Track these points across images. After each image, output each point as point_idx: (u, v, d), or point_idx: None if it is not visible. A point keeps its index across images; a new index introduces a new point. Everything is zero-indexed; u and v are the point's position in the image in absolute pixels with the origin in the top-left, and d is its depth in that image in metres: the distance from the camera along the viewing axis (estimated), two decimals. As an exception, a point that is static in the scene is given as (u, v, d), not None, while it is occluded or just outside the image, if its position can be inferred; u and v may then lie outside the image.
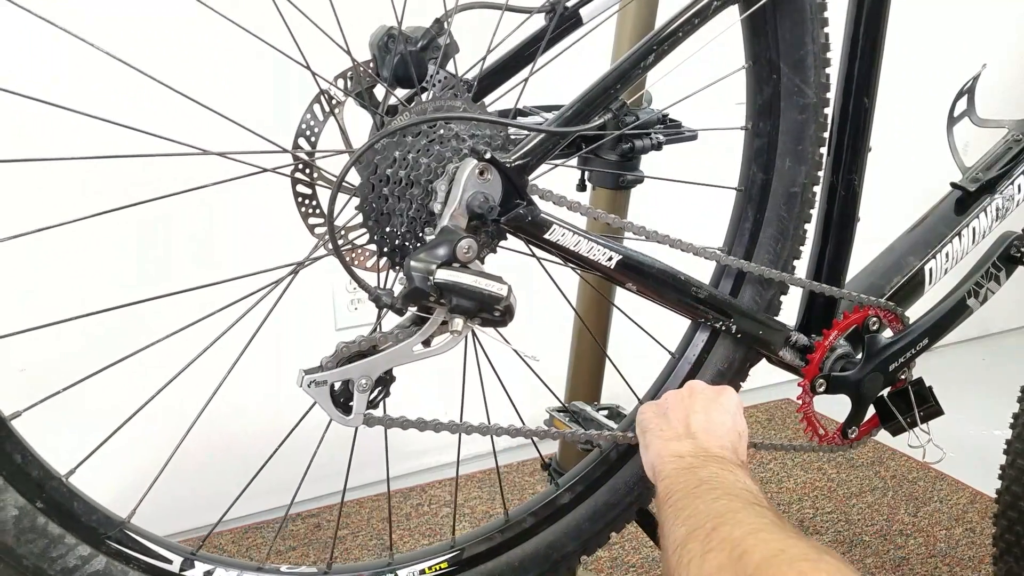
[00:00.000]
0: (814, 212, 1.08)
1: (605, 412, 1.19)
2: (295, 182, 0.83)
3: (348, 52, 0.82)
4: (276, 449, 0.91)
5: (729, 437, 0.85)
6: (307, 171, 0.83)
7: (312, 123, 0.82)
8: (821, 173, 1.06)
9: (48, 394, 0.79)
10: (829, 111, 1.04)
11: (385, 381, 0.84)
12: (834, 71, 1.03)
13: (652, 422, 0.90)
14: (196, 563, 0.85)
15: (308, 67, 0.80)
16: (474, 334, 0.86)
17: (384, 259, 0.84)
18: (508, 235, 0.86)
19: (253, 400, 1.58)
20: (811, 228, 1.09)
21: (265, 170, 0.81)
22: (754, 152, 1.06)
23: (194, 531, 1.68)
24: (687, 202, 1.61)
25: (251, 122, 0.82)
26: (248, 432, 1.58)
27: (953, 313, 1.17)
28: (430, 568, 0.96)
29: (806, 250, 1.10)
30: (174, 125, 0.81)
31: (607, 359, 1.33)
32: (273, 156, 0.81)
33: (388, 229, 0.82)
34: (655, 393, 1.09)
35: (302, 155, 0.82)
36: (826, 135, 1.04)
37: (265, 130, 0.82)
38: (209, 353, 0.84)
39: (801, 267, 1.10)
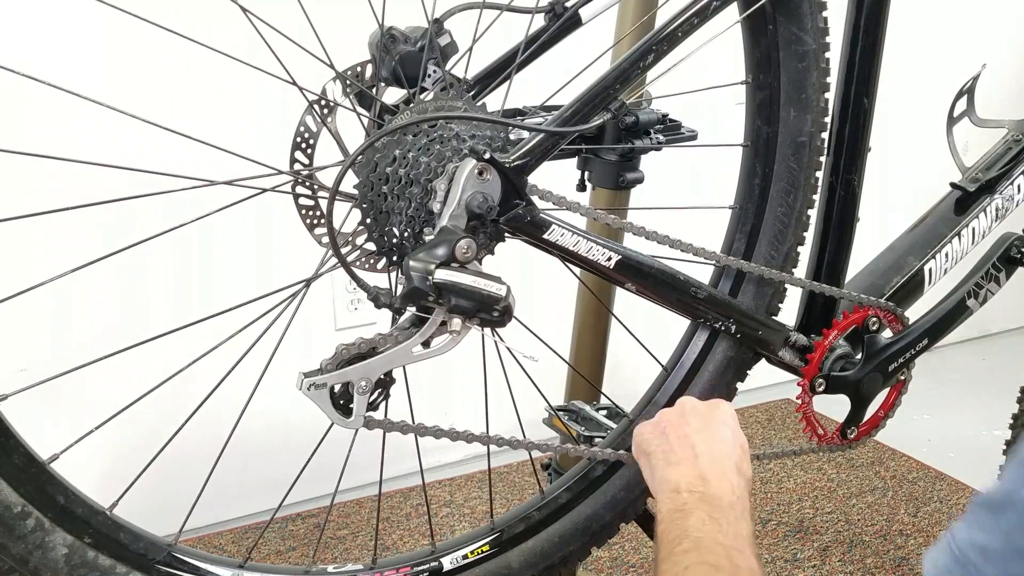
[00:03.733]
0: (814, 208, 1.07)
1: (604, 412, 1.19)
2: (297, 197, 0.83)
3: (330, 64, 0.82)
4: (320, 441, 0.92)
5: (733, 458, 0.84)
6: (307, 184, 0.83)
7: (307, 135, 0.82)
8: (828, 120, 1.04)
9: (83, 433, 0.82)
10: (830, 55, 1.02)
11: (385, 383, 0.84)
12: (834, 69, 1.03)
13: (653, 443, 0.87)
14: (245, 574, 0.87)
15: (294, 82, 0.80)
16: (495, 333, 0.86)
17: (384, 259, 0.84)
18: (507, 235, 0.86)
19: (253, 400, 1.58)
20: (810, 228, 1.08)
21: (266, 190, 0.82)
22: (757, 106, 1.05)
23: (195, 531, 1.68)
24: (686, 202, 1.61)
25: (247, 143, 0.84)
26: (248, 432, 1.58)
27: (953, 314, 1.17)
28: (472, 552, 0.97)
29: (805, 250, 1.10)
30: (170, 158, 0.83)
31: (617, 321, 1.33)
32: (272, 175, 0.82)
33: (387, 227, 0.82)
34: (657, 391, 1.09)
35: (300, 169, 0.82)
36: (829, 80, 1.03)
37: (261, 148, 0.83)
38: (217, 363, 0.85)
39: (801, 267, 1.10)
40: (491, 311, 0.79)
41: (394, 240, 0.83)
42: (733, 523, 0.76)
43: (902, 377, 1.14)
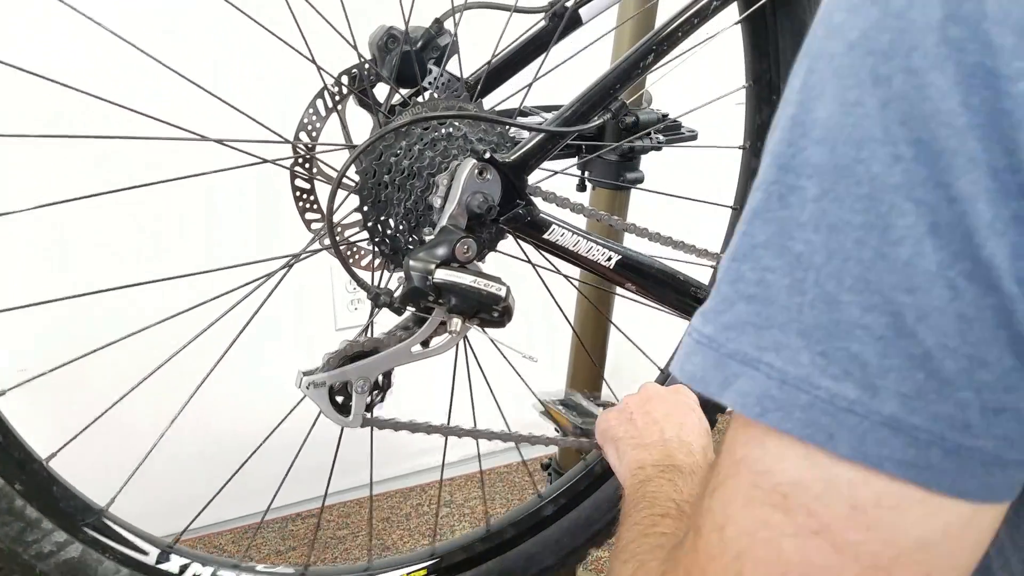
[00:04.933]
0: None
1: (603, 407, 1.18)
2: (294, 176, 0.83)
3: (355, 47, 0.82)
4: (256, 449, 0.91)
5: (700, 441, 0.83)
6: (306, 166, 0.83)
7: (314, 118, 0.82)
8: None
9: (30, 376, 0.79)
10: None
11: (383, 383, 0.84)
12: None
13: (620, 430, 0.86)
14: (172, 556, 0.85)
15: (313, 60, 0.80)
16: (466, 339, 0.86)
17: (380, 254, 0.84)
18: (507, 235, 0.86)
19: (252, 399, 1.58)
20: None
21: (265, 160, 0.82)
22: (752, 173, 1.06)
23: (195, 530, 1.68)
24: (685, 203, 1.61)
25: (252, 112, 0.83)
26: (247, 432, 1.58)
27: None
28: (408, 575, 0.95)
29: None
30: (174, 110, 0.82)
31: (615, 328, 1.32)
32: (274, 147, 0.81)
33: (384, 218, 0.82)
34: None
35: (302, 147, 0.82)
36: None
37: (266, 121, 0.82)
38: (202, 347, 0.84)
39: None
40: (491, 311, 0.79)
41: (389, 231, 0.82)
42: (689, 487, 0.75)
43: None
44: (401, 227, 0.82)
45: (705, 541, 0.41)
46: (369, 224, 0.82)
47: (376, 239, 0.83)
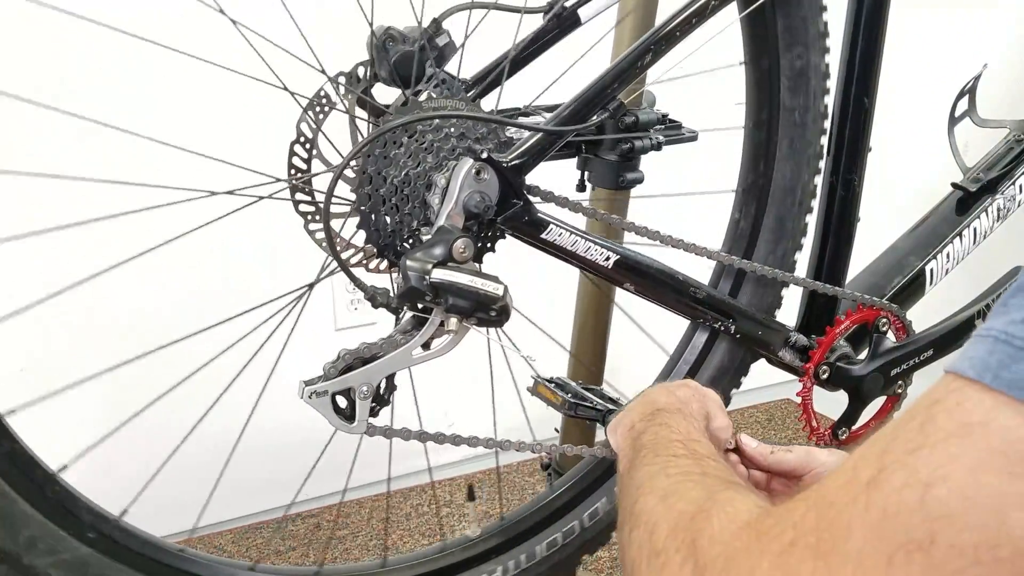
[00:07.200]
0: (813, 212, 1.07)
1: (592, 392, 1.17)
2: (296, 203, 0.83)
3: (323, 70, 0.82)
4: (234, 448, 0.92)
5: (692, 402, 0.81)
6: (305, 191, 0.82)
7: (303, 141, 0.81)
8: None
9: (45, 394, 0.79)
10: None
11: (387, 387, 0.84)
12: (834, 69, 1.03)
13: (614, 420, 0.84)
14: None
15: (286, 87, 0.80)
16: (501, 334, 0.85)
17: (381, 259, 0.84)
18: (505, 234, 0.85)
19: (251, 400, 1.58)
20: (810, 229, 1.08)
21: (263, 197, 0.82)
22: (754, 157, 1.06)
23: (196, 530, 1.68)
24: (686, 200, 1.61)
25: (244, 151, 0.83)
26: (248, 432, 1.57)
27: (960, 330, 1.16)
28: None
29: (805, 250, 1.10)
30: (163, 169, 0.82)
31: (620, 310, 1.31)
32: (271, 183, 0.81)
33: (384, 225, 0.82)
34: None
35: (296, 176, 0.82)
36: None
37: (258, 156, 0.82)
38: (201, 349, 0.85)
39: (801, 268, 1.10)
40: (488, 311, 0.79)
41: (391, 237, 0.82)
42: (683, 423, 0.74)
43: (899, 391, 1.13)
44: (404, 232, 0.82)
45: (888, 499, 0.39)
46: (373, 234, 0.82)
47: (382, 248, 0.82)
